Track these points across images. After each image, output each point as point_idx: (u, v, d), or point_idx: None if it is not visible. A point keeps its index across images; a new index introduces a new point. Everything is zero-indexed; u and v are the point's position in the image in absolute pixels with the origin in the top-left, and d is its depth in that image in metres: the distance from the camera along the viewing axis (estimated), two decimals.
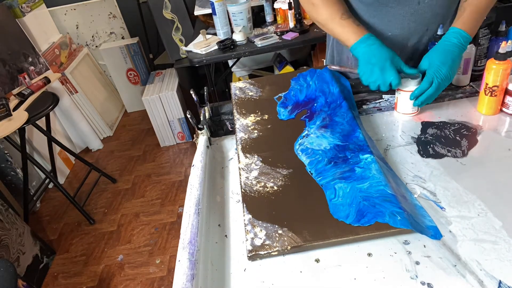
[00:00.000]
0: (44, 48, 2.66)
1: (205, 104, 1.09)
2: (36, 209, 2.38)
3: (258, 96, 1.11)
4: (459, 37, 0.92)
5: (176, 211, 2.19)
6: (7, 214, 1.78)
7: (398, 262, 0.66)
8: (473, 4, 0.95)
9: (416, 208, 0.74)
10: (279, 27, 2.05)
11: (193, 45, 2.01)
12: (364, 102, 1.10)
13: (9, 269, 1.27)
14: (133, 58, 3.00)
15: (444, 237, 0.69)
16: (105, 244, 2.06)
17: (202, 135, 1.00)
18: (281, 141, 0.92)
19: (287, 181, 0.81)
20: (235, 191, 0.87)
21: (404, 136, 0.95)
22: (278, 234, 0.70)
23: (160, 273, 1.83)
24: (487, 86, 0.93)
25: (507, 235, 0.67)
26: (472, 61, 1.05)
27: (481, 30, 1.03)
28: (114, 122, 3.16)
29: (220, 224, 0.80)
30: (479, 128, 0.93)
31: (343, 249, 0.69)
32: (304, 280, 0.65)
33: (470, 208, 0.73)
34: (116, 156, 2.79)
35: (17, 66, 2.37)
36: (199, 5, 2.23)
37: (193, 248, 0.66)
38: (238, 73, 2.85)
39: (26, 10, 2.58)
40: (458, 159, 0.85)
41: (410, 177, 0.83)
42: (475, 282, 0.61)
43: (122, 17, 3.08)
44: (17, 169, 2.23)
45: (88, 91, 2.92)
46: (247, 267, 0.69)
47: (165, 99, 2.57)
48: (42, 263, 1.93)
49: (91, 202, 2.38)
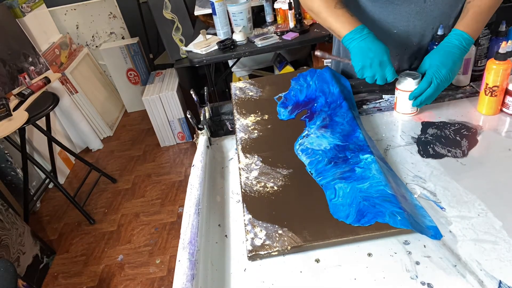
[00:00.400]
0: (44, 48, 2.66)
1: (205, 104, 1.09)
2: (36, 209, 2.38)
3: (258, 96, 1.11)
4: (460, 39, 0.92)
5: (176, 211, 2.19)
6: (7, 214, 1.78)
7: (398, 262, 0.66)
8: (477, 5, 0.95)
9: (416, 208, 0.74)
10: (279, 27, 2.05)
11: (193, 45, 2.01)
12: (364, 102, 1.10)
13: (9, 269, 1.27)
14: (133, 58, 3.00)
15: (444, 237, 0.69)
16: (105, 244, 2.06)
17: (202, 135, 1.00)
18: (281, 141, 0.92)
19: (287, 181, 0.81)
20: (235, 191, 0.87)
21: (404, 136, 0.95)
22: (278, 234, 0.70)
23: (160, 273, 1.83)
24: (487, 86, 0.93)
25: (507, 235, 0.67)
26: (472, 61, 1.05)
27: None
28: (114, 122, 3.16)
29: (220, 224, 0.80)
30: (479, 128, 0.93)
31: (343, 249, 0.69)
32: (304, 280, 0.65)
33: (470, 208, 0.73)
34: (116, 156, 2.79)
35: (17, 66, 2.37)
36: (199, 5, 2.23)
37: (193, 248, 0.66)
38: (238, 73, 2.85)
39: (26, 10, 2.58)
40: (458, 159, 0.85)
41: (410, 177, 0.83)
42: (475, 282, 0.61)
43: (122, 17, 3.08)
44: (17, 169, 2.23)
45: (88, 91, 2.92)
46: (247, 267, 0.69)
47: (165, 99, 2.57)
48: (42, 263, 1.93)
49: (91, 202, 2.38)
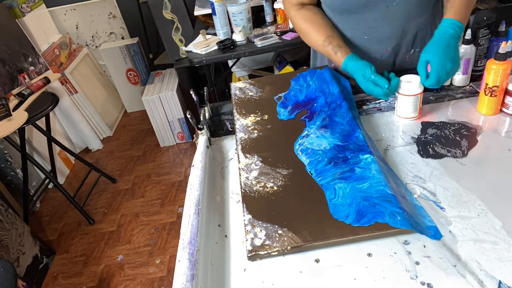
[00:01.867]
0: (44, 48, 2.66)
1: (205, 104, 1.09)
2: (36, 209, 2.38)
3: (258, 96, 1.11)
4: (455, 28, 0.93)
5: (176, 211, 2.19)
6: (7, 214, 1.78)
7: (398, 262, 0.66)
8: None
9: (416, 208, 0.74)
10: (279, 27, 2.05)
11: (193, 45, 2.01)
12: (364, 102, 1.10)
13: (9, 269, 1.27)
14: (133, 58, 3.00)
15: (444, 237, 0.68)
16: (105, 244, 2.06)
17: (202, 135, 1.00)
18: (281, 141, 0.92)
19: (287, 181, 0.81)
20: (235, 191, 0.87)
21: (404, 136, 0.95)
22: (278, 234, 0.70)
23: (160, 273, 1.83)
24: (487, 86, 0.93)
25: (507, 235, 0.67)
26: (472, 61, 1.05)
27: (481, 30, 1.03)
28: (114, 122, 3.16)
29: (220, 224, 0.80)
30: (479, 128, 0.93)
31: (343, 249, 0.69)
32: (304, 280, 0.65)
33: (470, 208, 0.73)
34: (116, 156, 2.79)
35: (17, 66, 2.37)
36: (199, 5, 2.23)
37: (193, 248, 0.66)
38: (238, 73, 2.85)
39: (26, 10, 2.58)
40: (458, 159, 0.85)
41: (410, 177, 0.83)
42: (475, 282, 0.61)
43: (122, 17, 3.07)
44: (17, 169, 2.23)
45: (88, 91, 2.91)
46: (247, 267, 0.69)
47: (165, 99, 2.57)
48: (42, 263, 1.93)
49: (91, 202, 2.38)
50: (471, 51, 1.02)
